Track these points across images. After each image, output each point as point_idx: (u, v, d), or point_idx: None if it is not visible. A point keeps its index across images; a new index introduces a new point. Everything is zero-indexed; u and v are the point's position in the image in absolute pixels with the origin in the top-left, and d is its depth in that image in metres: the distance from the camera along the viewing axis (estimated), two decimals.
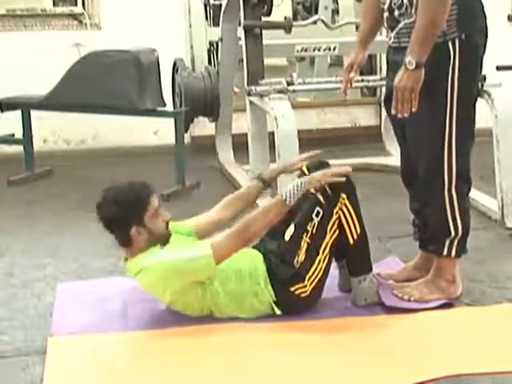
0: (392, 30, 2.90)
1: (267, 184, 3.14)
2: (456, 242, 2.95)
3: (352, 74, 3.12)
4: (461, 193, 2.92)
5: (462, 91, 2.81)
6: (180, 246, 2.85)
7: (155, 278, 2.76)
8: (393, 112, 2.78)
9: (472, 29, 2.80)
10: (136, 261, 2.82)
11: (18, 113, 5.09)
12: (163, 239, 2.85)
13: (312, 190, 2.85)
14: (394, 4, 2.85)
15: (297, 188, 2.79)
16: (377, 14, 2.99)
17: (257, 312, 2.85)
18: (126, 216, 2.78)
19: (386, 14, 2.91)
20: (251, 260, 2.89)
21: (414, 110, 2.72)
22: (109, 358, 2.61)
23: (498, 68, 4.34)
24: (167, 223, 2.87)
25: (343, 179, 2.83)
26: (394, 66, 2.86)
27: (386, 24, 2.94)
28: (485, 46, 2.87)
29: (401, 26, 2.85)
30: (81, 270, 3.45)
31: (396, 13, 2.85)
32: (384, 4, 2.91)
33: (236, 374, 2.47)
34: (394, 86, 2.73)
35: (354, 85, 3.21)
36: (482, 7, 2.86)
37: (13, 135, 5.28)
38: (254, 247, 2.99)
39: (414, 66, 2.68)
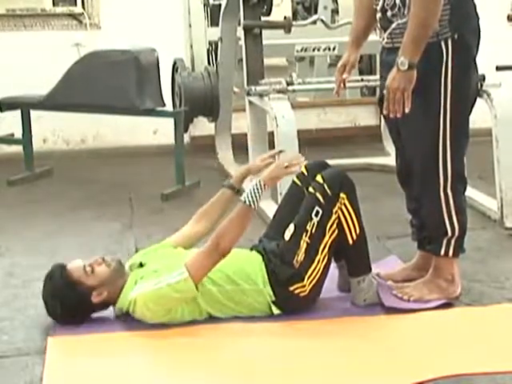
0: (385, 31, 2.90)
1: (237, 190, 3.08)
2: (453, 242, 2.95)
3: (345, 75, 3.12)
4: (456, 192, 2.92)
5: (455, 91, 2.81)
6: (158, 267, 2.82)
7: (142, 310, 2.75)
8: (384, 112, 2.79)
9: (465, 29, 2.80)
10: (122, 298, 2.82)
11: (18, 113, 5.09)
12: (122, 273, 2.85)
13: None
14: (387, 5, 2.84)
15: (256, 189, 2.75)
16: (370, 14, 2.98)
17: (255, 311, 2.85)
18: (76, 301, 2.78)
19: (378, 15, 2.91)
20: (248, 261, 2.89)
21: (407, 110, 2.72)
22: (109, 358, 2.61)
23: (498, 68, 4.34)
24: (103, 261, 2.82)
25: (298, 169, 2.85)
26: (387, 67, 2.85)
27: (378, 25, 2.93)
28: (477, 47, 2.87)
29: (394, 26, 2.84)
30: None
31: (389, 13, 2.85)
32: (377, 5, 2.91)
33: (236, 373, 2.47)
34: (386, 86, 2.73)
35: (353, 85, 3.21)
36: (475, 7, 2.86)
37: (12, 135, 5.29)
38: (252, 248, 3.00)
39: (406, 66, 2.68)
